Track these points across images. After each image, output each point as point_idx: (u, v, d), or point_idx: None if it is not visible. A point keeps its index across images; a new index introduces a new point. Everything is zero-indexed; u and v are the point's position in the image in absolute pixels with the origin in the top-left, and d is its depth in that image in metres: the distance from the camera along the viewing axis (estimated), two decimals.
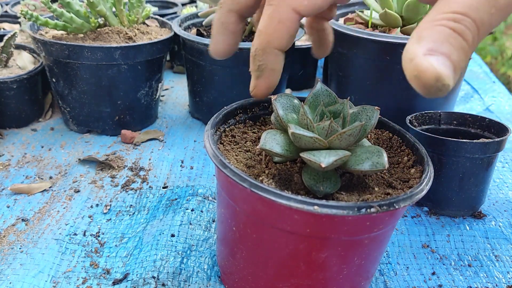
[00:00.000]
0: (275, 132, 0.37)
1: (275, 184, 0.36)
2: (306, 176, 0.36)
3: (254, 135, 0.44)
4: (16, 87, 0.72)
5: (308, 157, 0.33)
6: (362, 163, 0.35)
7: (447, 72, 0.26)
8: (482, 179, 0.54)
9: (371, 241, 0.36)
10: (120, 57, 0.67)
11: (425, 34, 0.27)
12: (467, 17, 0.27)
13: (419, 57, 0.26)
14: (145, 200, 0.58)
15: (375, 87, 0.68)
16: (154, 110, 0.79)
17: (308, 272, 0.36)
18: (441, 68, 0.26)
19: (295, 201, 0.30)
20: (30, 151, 0.69)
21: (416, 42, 0.27)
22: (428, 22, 0.28)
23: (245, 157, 0.40)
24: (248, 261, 0.39)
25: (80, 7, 0.70)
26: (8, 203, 0.57)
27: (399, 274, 0.48)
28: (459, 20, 0.27)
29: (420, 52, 0.26)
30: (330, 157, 0.33)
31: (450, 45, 0.27)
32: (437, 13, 0.28)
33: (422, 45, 0.27)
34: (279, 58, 0.35)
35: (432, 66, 0.26)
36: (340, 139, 0.35)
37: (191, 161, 0.68)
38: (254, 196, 0.33)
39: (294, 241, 0.34)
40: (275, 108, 0.38)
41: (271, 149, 0.35)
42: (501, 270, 0.49)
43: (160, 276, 0.45)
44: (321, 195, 0.35)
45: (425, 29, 0.27)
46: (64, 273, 0.46)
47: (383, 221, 0.34)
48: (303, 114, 0.36)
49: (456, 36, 0.27)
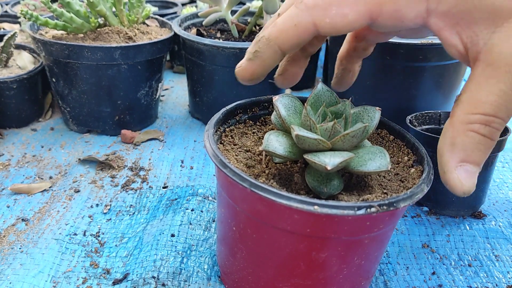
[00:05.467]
0: (278, 134, 0.37)
1: (276, 184, 0.36)
2: (310, 177, 0.36)
3: (254, 135, 0.44)
4: (16, 87, 0.72)
5: (312, 159, 0.33)
6: (366, 164, 0.35)
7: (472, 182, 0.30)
8: (482, 179, 0.54)
9: (371, 241, 0.36)
10: (120, 57, 0.67)
11: (458, 141, 0.30)
12: (497, 118, 0.29)
13: (451, 172, 0.30)
14: (145, 200, 0.58)
15: (375, 87, 0.67)
16: (154, 110, 0.79)
17: (308, 272, 0.36)
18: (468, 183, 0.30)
19: (295, 201, 0.30)
20: (30, 151, 0.69)
21: (449, 150, 0.30)
22: (460, 124, 0.30)
23: (245, 157, 0.40)
24: (248, 261, 0.39)
25: (80, 7, 0.70)
26: (8, 203, 0.57)
27: (399, 274, 0.48)
28: (490, 123, 0.29)
29: (452, 165, 0.30)
30: (335, 159, 0.33)
31: (479, 151, 0.30)
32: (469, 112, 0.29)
33: (454, 155, 0.30)
34: (276, 57, 0.35)
35: (461, 183, 0.30)
36: (344, 141, 0.35)
37: (191, 161, 0.68)
38: (254, 196, 0.33)
39: (294, 241, 0.34)
40: (277, 109, 0.38)
41: (274, 151, 0.35)
42: (501, 270, 0.49)
43: (160, 276, 0.45)
44: (325, 196, 0.35)
45: (458, 134, 0.30)
46: (64, 273, 0.46)
47: (383, 221, 0.34)
48: (306, 115, 0.36)
49: (486, 141, 0.29)
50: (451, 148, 0.30)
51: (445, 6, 0.30)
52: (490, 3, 0.28)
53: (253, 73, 0.36)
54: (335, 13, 0.31)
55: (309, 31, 0.33)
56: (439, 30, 0.31)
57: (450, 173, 0.30)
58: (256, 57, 0.35)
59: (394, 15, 0.31)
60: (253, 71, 0.36)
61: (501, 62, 0.28)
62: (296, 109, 0.39)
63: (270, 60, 0.35)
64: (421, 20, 0.31)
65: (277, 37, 0.34)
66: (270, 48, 0.34)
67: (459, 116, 0.30)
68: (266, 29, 0.35)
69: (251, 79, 0.37)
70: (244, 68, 0.36)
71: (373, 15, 0.31)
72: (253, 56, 0.35)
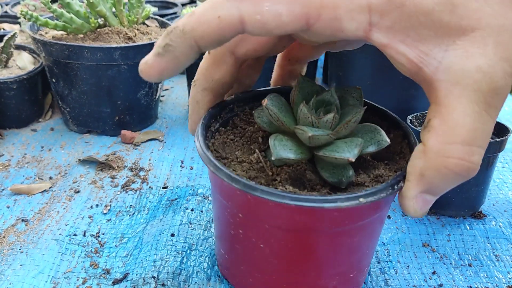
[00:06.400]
0: (280, 138, 0.36)
1: (292, 188, 0.35)
2: (326, 172, 0.36)
3: (235, 142, 0.41)
4: (16, 88, 0.72)
5: (332, 154, 0.33)
6: (368, 146, 0.36)
7: (426, 210, 0.31)
8: (482, 179, 0.54)
9: (358, 231, 0.36)
10: (120, 57, 0.67)
11: (428, 174, 0.29)
12: (477, 148, 0.27)
13: (409, 199, 0.31)
14: (145, 200, 0.58)
15: (375, 87, 0.68)
16: (154, 110, 0.79)
17: (297, 264, 0.37)
18: (422, 210, 0.31)
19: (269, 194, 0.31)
20: (30, 152, 0.69)
21: (416, 179, 0.30)
22: (435, 156, 0.28)
23: (243, 169, 0.37)
24: (243, 257, 0.40)
25: (80, 8, 0.70)
26: (8, 204, 0.57)
27: (400, 272, 0.48)
28: (470, 156, 0.27)
29: (413, 194, 0.30)
30: (354, 151, 0.33)
31: (445, 186, 0.29)
32: (444, 141, 0.27)
33: (420, 185, 0.30)
34: (191, 53, 0.29)
35: (415, 211, 0.31)
36: (346, 128, 0.35)
37: (191, 161, 0.68)
38: (237, 191, 0.33)
39: (280, 235, 0.35)
40: (271, 112, 0.36)
41: (288, 157, 0.34)
42: (501, 270, 0.49)
43: (160, 276, 0.45)
44: (345, 185, 0.36)
45: (430, 167, 0.28)
46: (64, 274, 0.46)
47: (368, 211, 0.35)
48: (306, 113, 0.36)
49: (457, 178, 0.28)
50: (419, 178, 0.29)
51: (388, 21, 0.27)
52: (437, 20, 0.26)
53: (162, 71, 0.30)
54: (268, 10, 0.27)
55: (234, 27, 0.27)
56: (383, 47, 0.28)
57: (409, 200, 0.31)
58: (166, 51, 0.29)
59: (333, 24, 0.27)
60: (162, 69, 0.29)
61: (469, 80, 0.26)
62: (285, 106, 0.38)
63: (183, 57, 0.29)
64: (363, 34, 0.28)
65: (193, 29, 0.28)
66: (185, 42, 0.28)
67: (434, 146, 0.28)
68: (179, 22, 0.29)
69: (160, 78, 0.30)
70: (151, 65, 0.30)
71: (310, 20, 0.27)
72: (162, 51, 0.29)
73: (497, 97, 0.26)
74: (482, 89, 0.26)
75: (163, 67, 0.29)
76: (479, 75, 0.26)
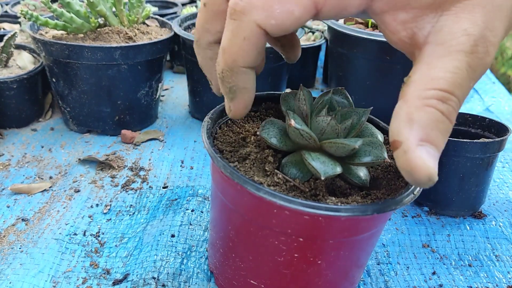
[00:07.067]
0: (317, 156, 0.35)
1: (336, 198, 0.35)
2: (356, 178, 0.37)
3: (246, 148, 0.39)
4: (16, 87, 0.72)
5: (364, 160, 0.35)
6: (365, 156, 0.36)
7: (436, 166, 0.26)
8: (483, 179, 0.54)
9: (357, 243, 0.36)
10: (120, 57, 0.67)
11: (416, 117, 0.27)
12: (454, 96, 0.27)
13: (412, 151, 0.26)
14: (145, 200, 0.58)
15: (375, 87, 0.68)
16: (154, 110, 0.79)
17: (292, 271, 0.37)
18: (432, 164, 0.26)
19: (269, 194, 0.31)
20: (30, 151, 0.69)
21: (407, 126, 0.27)
22: (417, 99, 0.27)
23: (266, 180, 0.36)
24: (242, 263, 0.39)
25: (80, 7, 0.70)
26: (8, 203, 0.57)
27: (400, 273, 0.48)
28: (447, 100, 0.27)
29: (413, 142, 0.26)
30: (384, 152, 0.35)
31: (439, 132, 0.27)
32: (424, 88, 0.27)
33: (414, 131, 0.27)
34: (250, 76, 0.32)
35: (425, 165, 0.26)
36: (360, 129, 0.38)
37: (191, 161, 0.68)
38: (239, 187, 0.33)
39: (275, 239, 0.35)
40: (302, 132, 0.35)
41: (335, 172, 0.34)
42: (501, 270, 0.49)
43: (160, 277, 0.45)
44: (368, 184, 0.37)
45: (415, 110, 0.27)
46: (64, 273, 0.46)
47: (375, 222, 0.35)
48: (333, 126, 0.35)
49: (445, 120, 0.27)
50: (409, 124, 0.27)
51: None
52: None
53: (246, 105, 0.34)
54: (280, 12, 0.29)
55: (260, 35, 0.30)
56: (382, 14, 0.29)
57: (412, 151, 0.26)
58: (234, 92, 0.33)
59: (339, 4, 0.29)
60: (244, 104, 0.34)
61: (453, 41, 0.27)
62: (303, 122, 0.38)
63: (248, 83, 0.33)
64: (365, 5, 0.29)
65: (235, 61, 0.31)
66: (239, 74, 0.32)
67: (414, 93, 0.27)
68: (220, 62, 0.32)
69: (248, 109, 0.35)
70: (236, 110, 0.34)
71: (318, 6, 0.29)
72: (232, 94, 0.33)
73: (479, 62, 0.27)
74: (465, 50, 0.27)
75: (243, 102, 0.34)
76: (464, 38, 0.27)
